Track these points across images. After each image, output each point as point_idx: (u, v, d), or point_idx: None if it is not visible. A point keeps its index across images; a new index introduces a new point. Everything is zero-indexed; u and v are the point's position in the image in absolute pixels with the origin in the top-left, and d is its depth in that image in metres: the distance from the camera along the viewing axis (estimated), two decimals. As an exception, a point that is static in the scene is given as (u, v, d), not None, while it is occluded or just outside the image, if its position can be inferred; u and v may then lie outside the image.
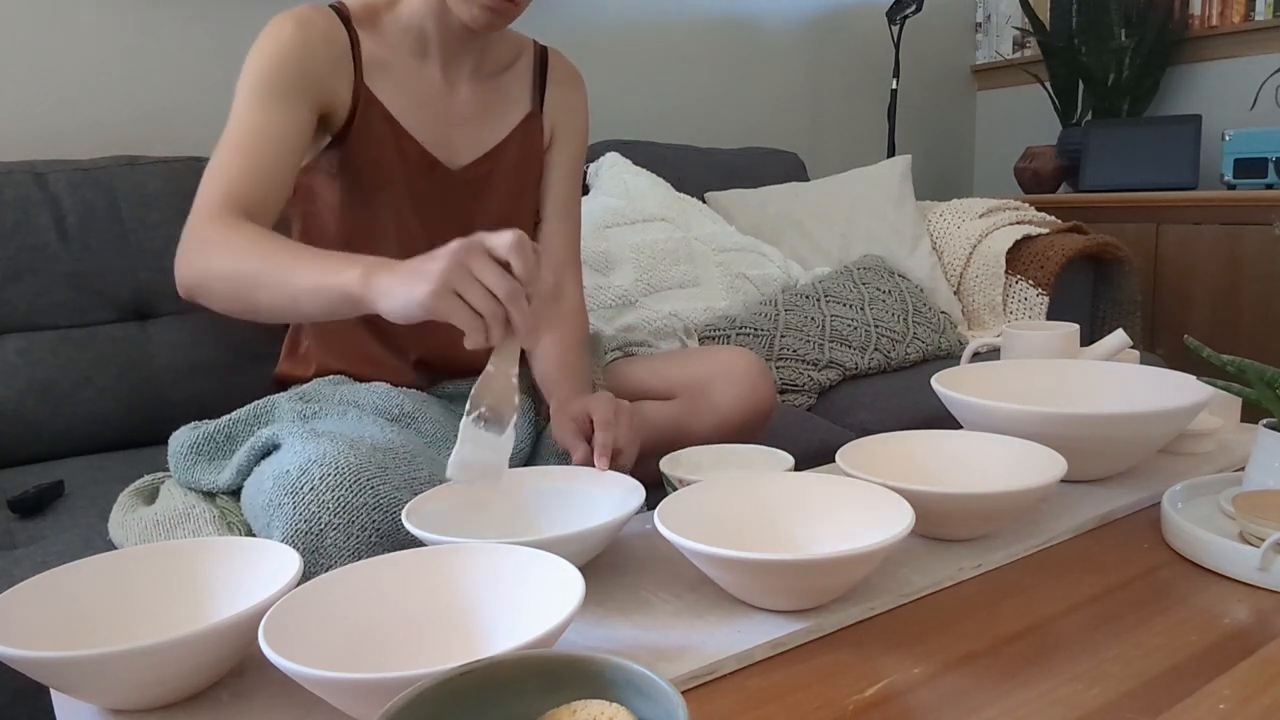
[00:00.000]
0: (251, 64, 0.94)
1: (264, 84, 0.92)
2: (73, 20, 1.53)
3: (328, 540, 0.74)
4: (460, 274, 0.67)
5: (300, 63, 0.94)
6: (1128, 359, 1.17)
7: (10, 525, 1.04)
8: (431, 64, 1.04)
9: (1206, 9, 2.56)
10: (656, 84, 2.33)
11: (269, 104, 0.92)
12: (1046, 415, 0.83)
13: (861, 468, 0.80)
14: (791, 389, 1.58)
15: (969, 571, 0.71)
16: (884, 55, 2.79)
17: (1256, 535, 0.69)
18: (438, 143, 1.04)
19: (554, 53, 1.16)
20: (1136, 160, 2.52)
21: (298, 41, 0.94)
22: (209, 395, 1.38)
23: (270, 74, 0.93)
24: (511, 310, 0.68)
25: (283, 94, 0.93)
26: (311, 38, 0.95)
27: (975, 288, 2.00)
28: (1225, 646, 0.58)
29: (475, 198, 1.08)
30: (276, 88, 0.93)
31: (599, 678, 0.43)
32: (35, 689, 0.85)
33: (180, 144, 1.64)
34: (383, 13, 1.02)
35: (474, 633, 0.58)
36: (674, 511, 0.68)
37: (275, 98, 0.92)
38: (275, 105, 0.92)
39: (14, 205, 1.29)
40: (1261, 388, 0.76)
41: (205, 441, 0.95)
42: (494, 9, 0.93)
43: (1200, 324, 2.33)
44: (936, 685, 0.55)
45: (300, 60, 0.94)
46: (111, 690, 0.52)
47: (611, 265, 1.67)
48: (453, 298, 0.68)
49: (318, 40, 0.95)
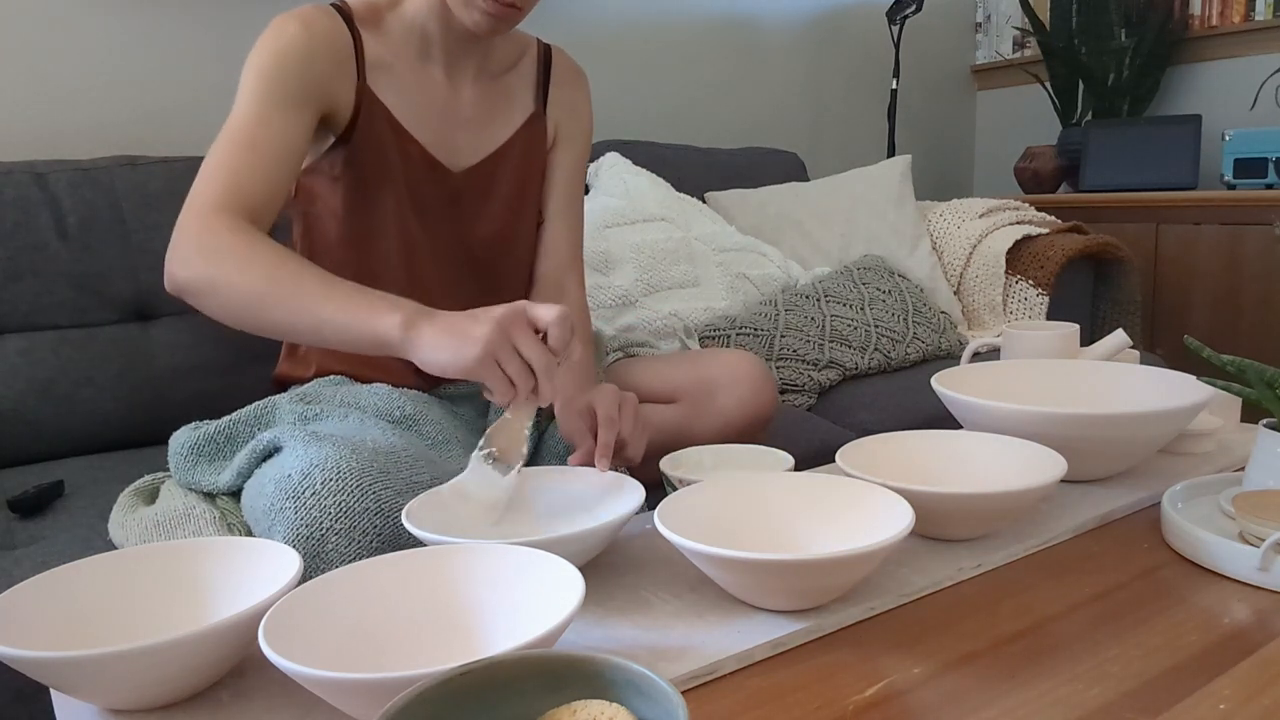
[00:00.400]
0: (254, 64, 0.93)
1: (266, 85, 0.92)
2: (73, 20, 1.53)
3: (329, 545, 0.74)
4: (503, 343, 0.72)
5: (303, 65, 0.93)
6: (1128, 359, 1.17)
7: (10, 525, 1.04)
8: (434, 65, 1.03)
9: (1206, 9, 2.56)
10: (656, 84, 2.33)
11: (271, 105, 0.92)
12: (1046, 415, 0.83)
13: (861, 468, 0.80)
14: (791, 389, 1.58)
15: (969, 571, 0.71)
16: (884, 55, 2.79)
17: (1256, 535, 0.69)
18: (440, 145, 1.04)
19: (558, 51, 1.15)
20: (1136, 160, 2.52)
21: (301, 43, 0.93)
22: (209, 395, 1.38)
23: (273, 75, 0.92)
24: (542, 382, 0.73)
25: (285, 96, 0.92)
26: (315, 39, 0.94)
27: (975, 288, 2.00)
28: (1225, 646, 0.58)
29: (477, 200, 1.08)
30: (279, 89, 0.92)
31: (599, 678, 0.43)
32: (35, 689, 0.85)
33: (180, 144, 1.64)
34: (385, 13, 1.01)
35: (474, 633, 0.58)
36: (674, 511, 0.68)
37: (277, 99, 0.92)
38: (277, 107, 0.92)
39: (14, 205, 1.29)
40: (1261, 388, 0.76)
41: (206, 442, 0.95)
42: (496, 15, 0.93)
43: (1200, 324, 2.33)
44: (936, 685, 0.55)
45: (303, 62, 0.93)
46: (111, 690, 0.52)
47: (611, 265, 1.67)
48: (493, 365, 0.72)
49: (321, 42, 0.95)
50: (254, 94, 0.92)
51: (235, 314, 0.84)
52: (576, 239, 1.17)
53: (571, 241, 1.16)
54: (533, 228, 1.14)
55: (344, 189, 1.01)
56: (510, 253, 1.12)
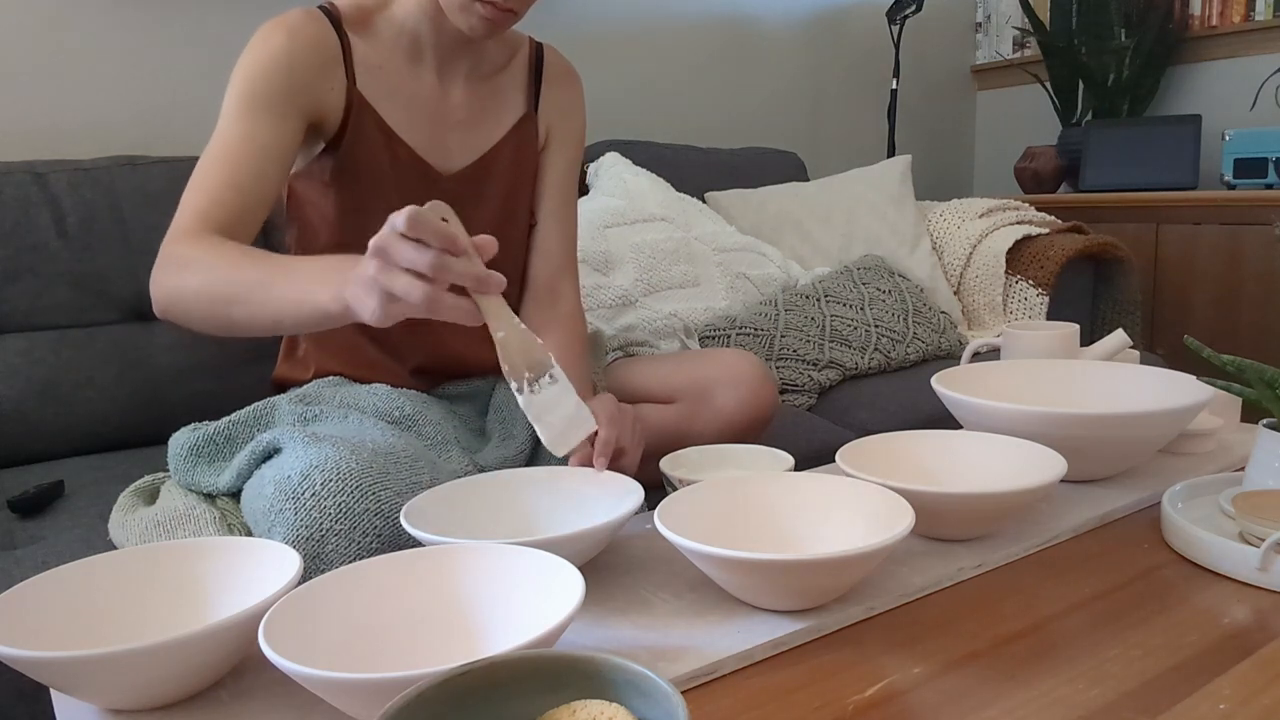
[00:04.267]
0: (238, 75, 0.93)
1: (249, 95, 0.91)
2: (73, 20, 1.53)
3: (329, 546, 0.74)
4: (385, 271, 0.66)
5: (288, 73, 0.92)
6: (1128, 359, 1.17)
7: (10, 525, 1.04)
8: (425, 67, 1.02)
9: (1206, 9, 2.56)
10: (656, 84, 2.33)
11: (253, 116, 0.91)
12: (1046, 415, 0.83)
13: (861, 468, 0.80)
14: (791, 389, 1.58)
15: (969, 571, 0.71)
16: (884, 55, 2.79)
17: (1256, 535, 0.69)
18: (431, 148, 1.03)
19: (550, 50, 1.14)
20: (1136, 160, 2.52)
21: (285, 51, 0.93)
22: (209, 395, 1.38)
23: (256, 85, 0.91)
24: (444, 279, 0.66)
25: (268, 105, 0.92)
26: (300, 46, 0.93)
27: (975, 288, 2.00)
28: (1225, 646, 0.58)
29: (469, 203, 1.07)
30: (262, 99, 0.91)
31: (599, 678, 0.43)
32: (35, 689, 0.85)
33: (180, 144, 1.64)
34: (375, 14, 1.00)
35: (474, 633, 0.58)
36: (674, 511, 0.68)
37: (260, 109, 0.91)
38: (260, 117, 0.91)
39: (14, 205, 1.29)
40: (1261, 388, 0.76)
41: (205, 443, 0.95)
42: (492, 20, 0.92)
43: (1200, 324, 2.33)
44: (936, 685, 0.55)
45: (288, 70, 0.92)
46: (111, 690, 0.52)
47: (611, 265, 1.67)
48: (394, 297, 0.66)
49: (306, 48, 0.94)
50: (235, 108, 0.92)
51: (203, 320, 0.84)
52: (570, 241, 1.15)
53: (564, 244, 1.14)
54: (524, 230, 1.13)
55: (335, 193, 1.00)
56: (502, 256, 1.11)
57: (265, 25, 0.95)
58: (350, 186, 1.00)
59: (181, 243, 0.85)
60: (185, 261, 0.83)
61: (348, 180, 1.00)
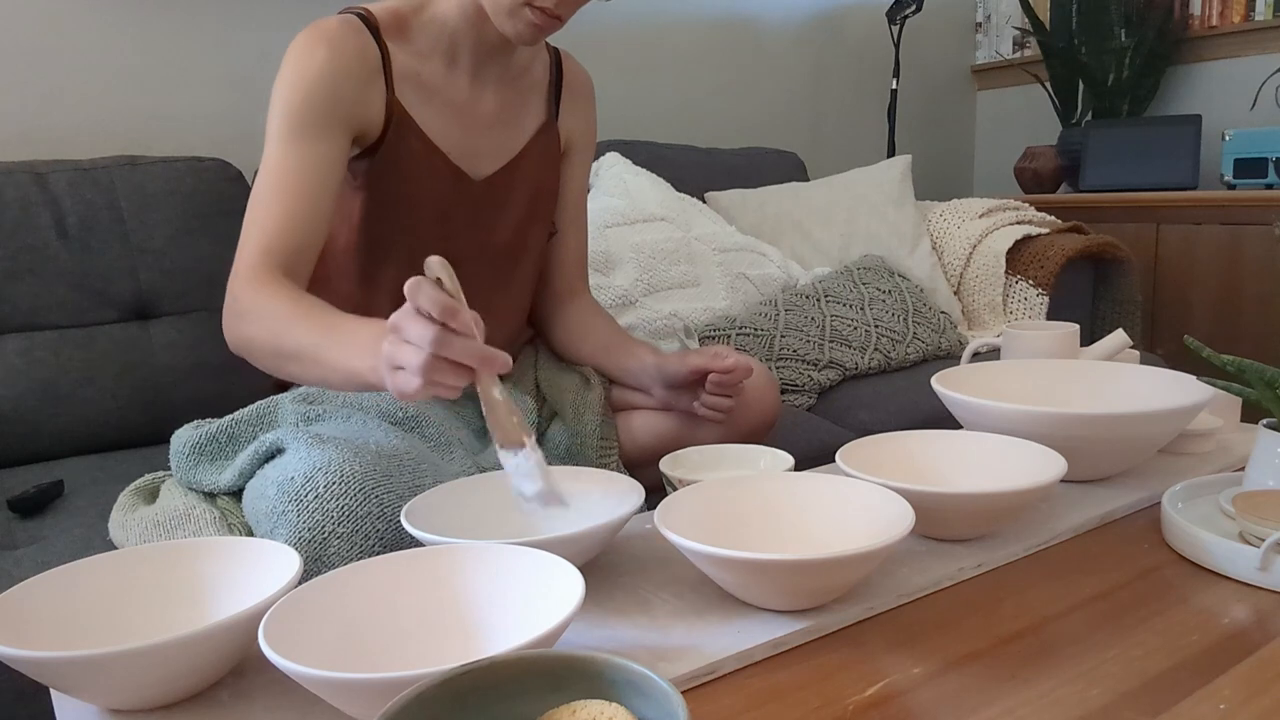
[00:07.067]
0: (283, 91, 0.91)
1: (296, 118, 0.90)
2: (73, 20, 1.53)
3: (331, 548, 0.74)
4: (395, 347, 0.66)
5: (332, 89, 0.91)
6: (1128, 359, 1.17)
7: (10, 525, 1.04)
8: (460, 71, 1.01)
9: (1206, 9, 2.56)
10: (656, 84, 2.33)
11: (303, 140, 0.90)
12: (1046, 415, 0.83)
13: (861, 468, 0.80)
14: (791, 389, 1.58)
15: (969, 571, 0.71)
16: (884, 55, 2.79)
17: (1256, 535, 0.69)
18: (463, 154, 1.03)
19: (566, 57, 1.15)
20: (1136, 160, 2.51)
21: (329, 67, 0.91)
22: (209, 395, 1.38)
23: (302, 106, 0.90)
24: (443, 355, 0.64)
25: (315, 126, 0.90)
26: (342, 61, 0.92)
27: (975, 288, 2.00)
28: (1225, 646, 0.58)
29: (496, 207, 1.07)
30: (309, 121, 0.90)
31: (599, 678, 0.43)
32: (35, 689, 0.85)
33: (180, 144, 1.64)
34: (410, 19, 0.99)
35: (474, 633, 0.58)
36: (674, 511, 0.68)
37: (308, 132, 0.90)
38: (309, 140, 0.90)
39: (14, 205, 1.29)
40: (1261, 388, 0.76)
41: (207, 441, 0.95)
42: (541, 26, 0.91)
43: (1200, 324, 2.33)
44: (936, 685, 0.55)
45: (332, 87, 0.91)
46: (111, 690, 0.52)
47: (611, 265, 1.67)
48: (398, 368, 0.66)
49: (350, 61, 0.92)
50: (282, 131, 0.91)
51: (264, 365, 0.86)
52: (584, 251, 1.21)
53: (580, 254, 1.20)
54: (543, 235, 1.15)
55: (365, 197, 1.00)
56: (522, 260, 1.12)
57: (305, 36, 0.92)
58: (382, 192, 1.00)
59: (244, 285, 0.86)
60: (243, 312, 0.85)
61: (380, 185, 0.99)
